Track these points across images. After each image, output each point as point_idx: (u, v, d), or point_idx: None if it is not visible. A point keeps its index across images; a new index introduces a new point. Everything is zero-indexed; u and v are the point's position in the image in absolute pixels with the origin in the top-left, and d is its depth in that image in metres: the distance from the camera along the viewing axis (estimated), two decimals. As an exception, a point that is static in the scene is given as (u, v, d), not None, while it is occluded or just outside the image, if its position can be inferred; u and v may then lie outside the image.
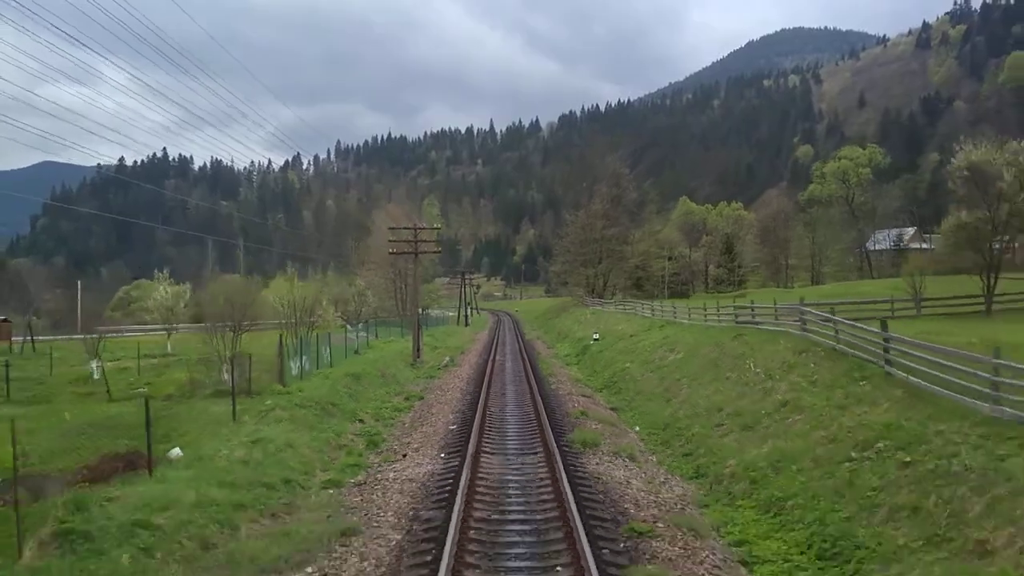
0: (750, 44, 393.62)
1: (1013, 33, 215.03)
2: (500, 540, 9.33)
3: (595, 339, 37.46)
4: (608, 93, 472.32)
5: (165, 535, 9.64)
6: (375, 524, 10.37)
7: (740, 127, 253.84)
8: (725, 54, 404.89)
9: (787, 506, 10.77)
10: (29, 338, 38.93)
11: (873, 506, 9.65)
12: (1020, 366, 10.62)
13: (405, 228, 38.00)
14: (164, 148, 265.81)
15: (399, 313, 55.03)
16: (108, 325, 43.33)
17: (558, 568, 8.30)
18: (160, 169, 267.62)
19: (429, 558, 8.52)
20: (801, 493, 10.93)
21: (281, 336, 22.13)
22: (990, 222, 26.01)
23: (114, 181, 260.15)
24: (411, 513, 10.73)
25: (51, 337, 43.30)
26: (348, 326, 40.33)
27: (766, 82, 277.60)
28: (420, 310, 38.75)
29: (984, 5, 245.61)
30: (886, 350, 14.32)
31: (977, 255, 26.13)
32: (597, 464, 13.48)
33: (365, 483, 12.91)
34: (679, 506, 11.40)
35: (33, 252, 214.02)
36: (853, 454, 11.28)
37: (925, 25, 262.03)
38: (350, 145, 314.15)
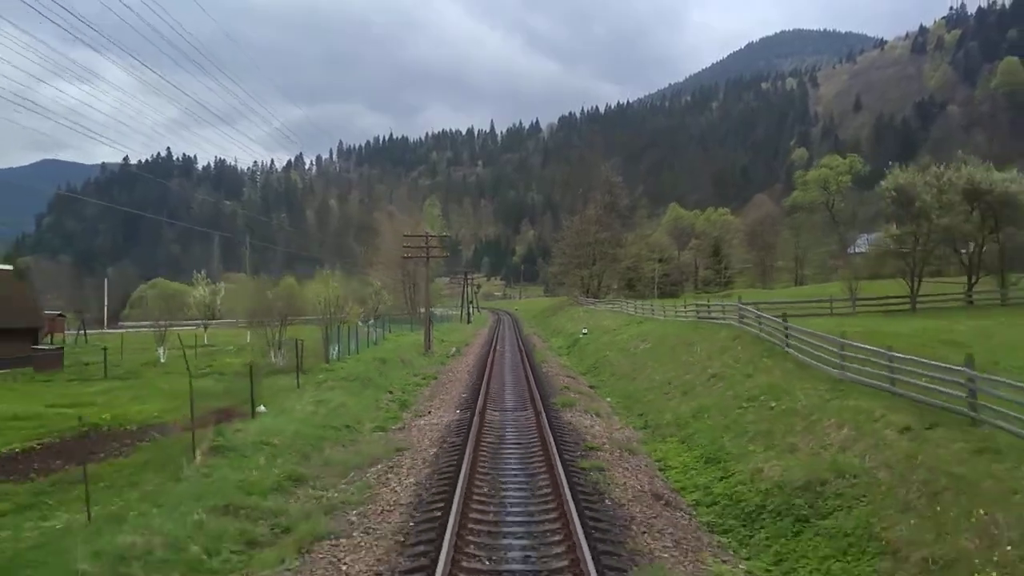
0: (749, 46, 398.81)
1: (1008, 38, 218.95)
2: (501, 453, 14.50)
3: (584, 333, 42.65)
4: (608, 93, 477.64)
5: (279, 450, 14.83)
6: (417, 446, 15.58)
7: (739, 128, 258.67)
8: (724, 55, 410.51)
9: (695, 438, 15.96)
10: (82, 331, 44.10)
11: (744, 433, 14.83)
12: (858, 345, 15.76)
13: (418, 236, 43.21)
14: (168, 148, 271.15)
15: (408, 311, 60.15)
16: (129, 322, 48.46)
17: (537, 463, 13.46)
18: (164, 168, 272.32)
19: (455, 459, 13.67)
20: (705, 430, 16.12)
21: (326, 328, 27.34)
22: (913, 235, 31.24)
23: (118, 180, 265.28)
24: (440, 440, 15.93)
25: (99, 331, 48.38)
26: (361, 322, 45.42)
27: (764, 85, 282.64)
28: (429, 309, 43.93)
29: (979, 10, 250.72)
30: (786, 336, 19.53)
31: (901, 262, 31.35)
32: (571, 417, 18.65)
33: (403, 428, 18.11)
34: (624, 439, 16.59)
35: (39, 250, 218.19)
36: (744, 404, 16.49)
37: (922, 29, 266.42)
38: (352, 146, 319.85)
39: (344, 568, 8.95)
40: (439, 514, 10.21)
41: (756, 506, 11.20)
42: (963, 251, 33.30)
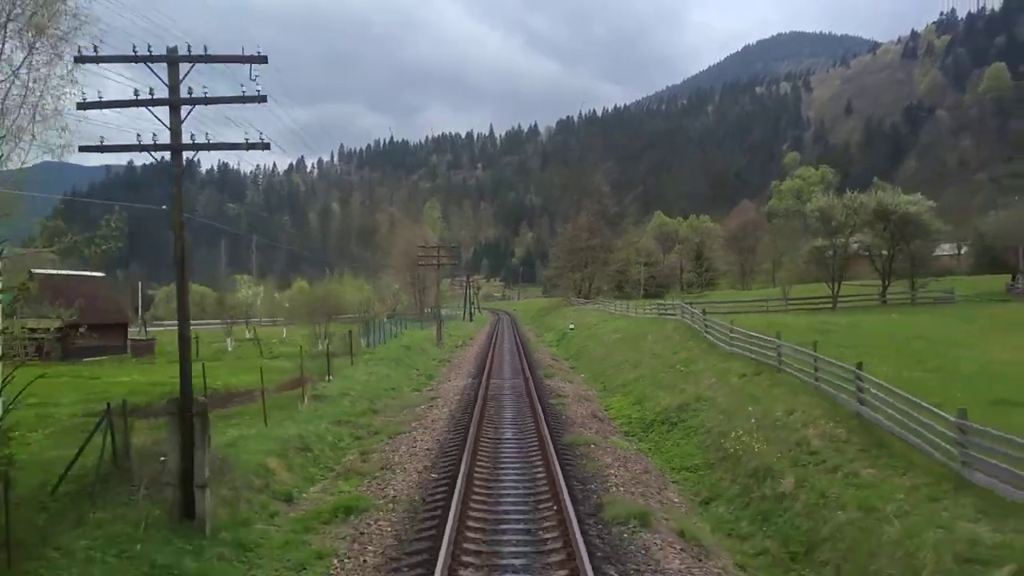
0: (747, 48, 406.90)
1: (996, 44, 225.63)
2: (501, 400, 22.50)
3: (571, 328, 50.67)
4: (608, 93, 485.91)
5: (354, 398, 22.83)
6: (444, 397, 23.63)
7: (735, 132, 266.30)
8: (723, 57, 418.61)
9: (631, 391, 23.98)
10: (143, 328, 52.18)
11: (660, 386, 22.84)
12: (741, 330, 23.75)
13: (431, 247, 51.23)
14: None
15: (417, 310, 68.17)
16: (167, 320, 56.26)
17: (523, 404, 21.44)
18: (168, 172, 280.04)
19: (471, 401, 21.62)
20: (638, 387, 24.14)
21: (367, 322, 35.43)
22: (831, 247, 39.29)
23: (124, 183, 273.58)
24: (460, 393, 23.96)
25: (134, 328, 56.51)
26: (385, 319, 53.45)
27: (759, 89, 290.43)
28: (439, 308, 52.07)
29: (969, 15, 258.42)
30: (706, 326, 27.56)
31: (822, 269, 39.43)
32: (550, 383, 26.66)
33: (432, 389, 26.16)
34: (584, 394, 24.63)
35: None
36: (666, 370, 24.51)
37: (914, 34, 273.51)
38: (353, 149, 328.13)
39: (416, 444, 16.93)
40: (464, 424, 18.20)
41: (651, 421, 19.26)
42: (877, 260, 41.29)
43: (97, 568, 9.24)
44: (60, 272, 32.98)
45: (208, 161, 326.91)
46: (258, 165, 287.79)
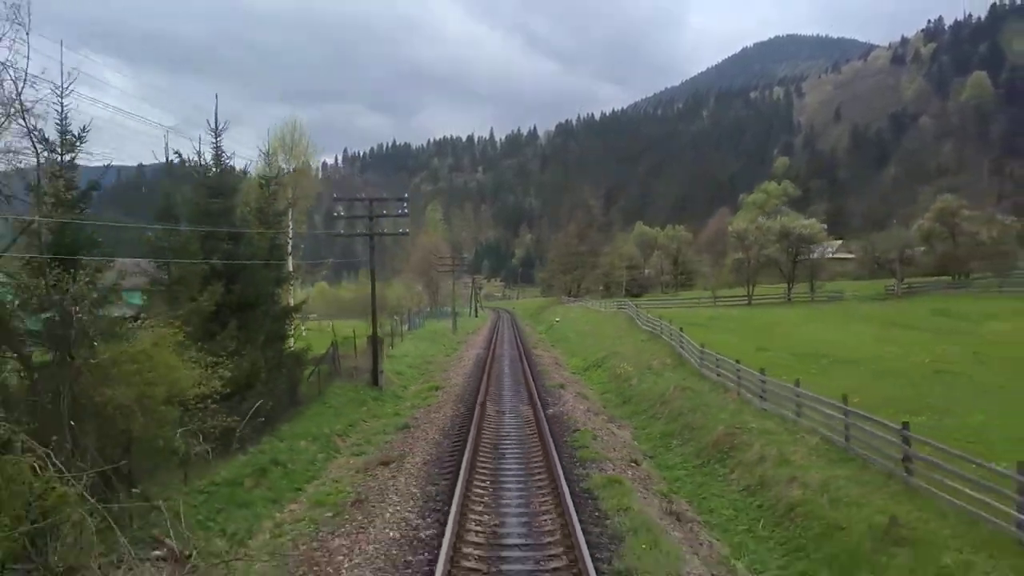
0: (744, 51, 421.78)
1: (979, 52, 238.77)
2: (503, 361, 37.88)
3: (557, 321, 65.94)
4: (608, 94, 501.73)
5: (412, 359, 38.35)
6: (465, 357, 39.15)
7: (731, 135, 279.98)
8: (721, 59, 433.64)
9: (582, 354, 39.37)
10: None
11: (599, 348, 38.18)
12: (653, 318, 39.12)
13: (447, 257, 66.46)
14: (179, 152, 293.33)
15: (431, 307, 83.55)
16: None
17: (517, 364, 36.78)
18: (175, 173, 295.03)
19: (483, 359, 36.95)
20: (587, 351, 39.52)
21: (407, 314, 50.64)
22: (746, 259, 54.60)
23: (133, 185, 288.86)
24: (475, 358, 39.40)
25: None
26: (414, 312, 68.71)
27: (752, 94, 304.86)
28: (454, 305, 67.43)
29: (956, 23, 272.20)
30: (637, 316, 42.93)
31: (740, 276, 54.71)
32: (538, 355, 41.99)
33: (457, 357, 41.60)
34: (555, 356, 40.01)
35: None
36: (609, 343, 39.89)
37: (904, 40, 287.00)
38: (357, 152, 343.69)
39: (456, 372, 32.23)
40: (482, 367, 33.53)
41: (586, 366, 34.67)
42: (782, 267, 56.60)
43: (343, 400, 24.63)
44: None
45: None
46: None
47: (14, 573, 9.37)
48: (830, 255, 64.31)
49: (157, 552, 10.64)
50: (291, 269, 31.03)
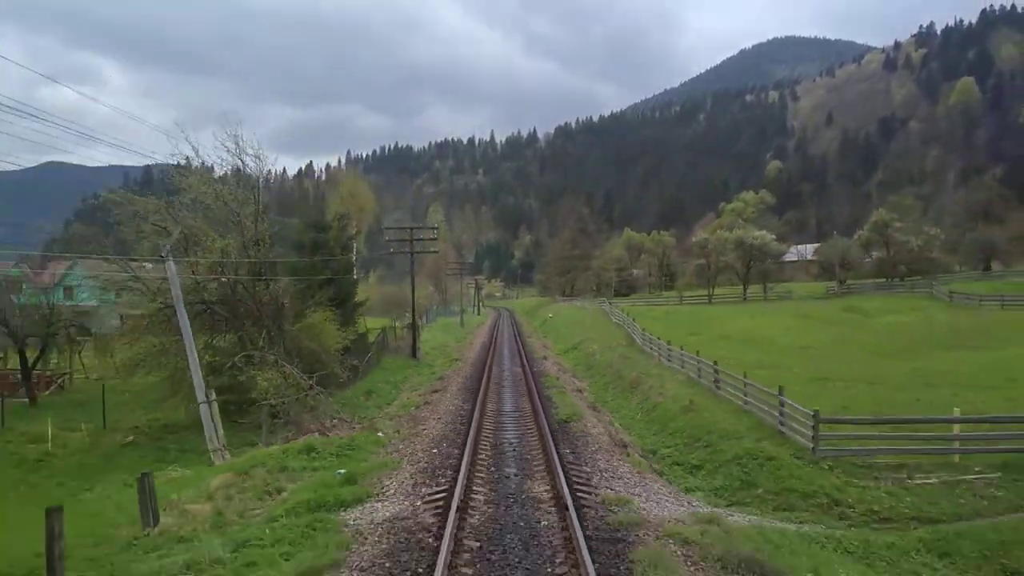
0: (742, 52, 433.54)
1: (967, 58, 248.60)
2: (503, 347, 49.74)
3: (550, 317, 77.71)
4: (607, 94, 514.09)
5: (434, 344, 50.18)
6: (475, 342, 51.12)
7: (726, 138, 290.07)
8: (719, 61, 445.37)
9: (565, 341, 51.22)
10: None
11: (578, 336, 50.00)
12: (622, 313, 50.93)
13: (456, 262, 78.18)
14: (186, 155, 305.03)
15: (440, 304, 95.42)
16: None
17: (514, 347, 48.63)
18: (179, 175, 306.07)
19: (489, 344, 48.77)
20: (568, 339, 51.35)
21: (426, 310, 62.43)
22: (709, 266, 66.29)
23: (143, 186, 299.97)
24: (481, 344, 51.27)
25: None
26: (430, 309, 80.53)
27: (748, 97, 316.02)
28: (462, 304, 79.30)
29: (946, 28, 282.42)
30: (610, 311, 54.79)
31: (702, 279, 66.47)
32: (531, 341, 53.81)
33: (468, 343, 53.49)
34: (546, 346, 51.85)
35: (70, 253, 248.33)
36: (586, 331, 51.75)
37: (896, 44, 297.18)
38: (360, 154, 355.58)
39: (469, 353, 44.05)
40: (487, 350, 45.31)
41: (566, 349, 46.51)
42: (739, 272, 68.31)
43: (394, 367, 36.65)
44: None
45: (223, 166, 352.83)
46: (269, 169, 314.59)
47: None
48: (792, 259, 76.21)
49: (336, 418, 22.53)
50: (355, 277, 42.76)
